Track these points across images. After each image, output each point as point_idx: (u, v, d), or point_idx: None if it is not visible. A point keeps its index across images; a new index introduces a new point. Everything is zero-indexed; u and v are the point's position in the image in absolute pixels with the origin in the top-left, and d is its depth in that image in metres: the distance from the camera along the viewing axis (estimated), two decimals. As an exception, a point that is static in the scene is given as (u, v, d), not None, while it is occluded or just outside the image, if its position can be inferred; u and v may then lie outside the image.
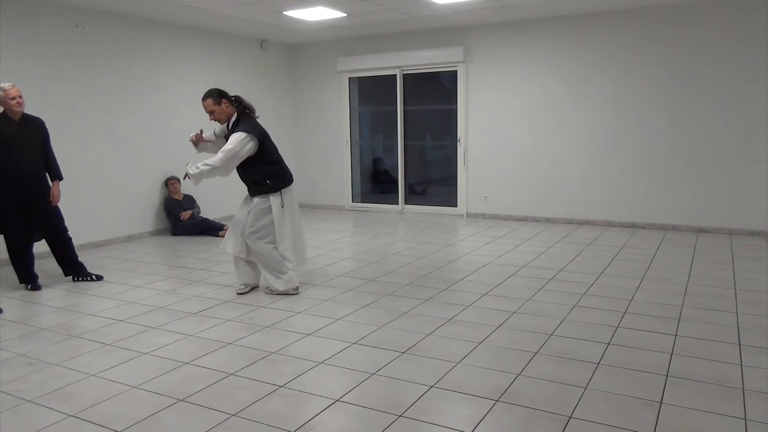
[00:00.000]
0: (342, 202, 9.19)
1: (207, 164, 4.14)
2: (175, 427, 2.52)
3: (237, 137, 4.16)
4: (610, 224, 7.24)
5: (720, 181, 6.59)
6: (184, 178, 4.30)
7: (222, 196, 7.74)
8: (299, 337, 3.58)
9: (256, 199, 4.37)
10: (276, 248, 4.41)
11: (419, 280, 4.85)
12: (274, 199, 4.36)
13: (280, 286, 4.43)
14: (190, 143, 4.47)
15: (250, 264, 4.54)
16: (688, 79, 6.62)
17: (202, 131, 4.44)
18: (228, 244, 4.45)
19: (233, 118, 4.32)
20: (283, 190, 4.40)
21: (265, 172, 4.33)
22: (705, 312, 3.90)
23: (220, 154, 4.15)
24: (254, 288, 4.64)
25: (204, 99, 4.27)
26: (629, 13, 6.81)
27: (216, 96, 4.24)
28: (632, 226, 7.11)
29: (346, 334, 3.62)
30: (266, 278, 4.47)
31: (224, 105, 4.27)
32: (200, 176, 4.18)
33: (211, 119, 4.30)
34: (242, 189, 4.54)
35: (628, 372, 2.97)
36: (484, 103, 7.85)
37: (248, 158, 4.24)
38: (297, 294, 4.49)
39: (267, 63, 8.80)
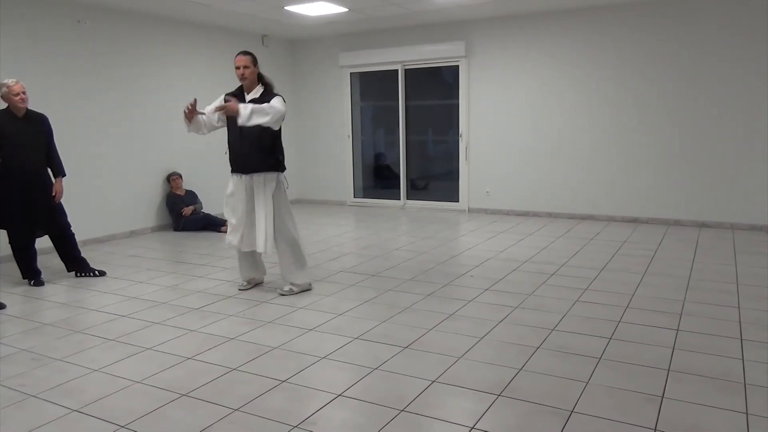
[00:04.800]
0: (344, 198, 9.19)
1: (272, 107, 4.00)
2: (178, 421, 2.53)
3: (280, 100, 4.10)
4: (612, 219, 7.23)
5: (722, 175, 6.58)
6: (218, 111, 4.05)
7: (224, 191, 7.72)
8: (301, 333, 3.58)
9: (272, 180, 4.18)
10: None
11: (421, 276, 4.85)
12: (284, 178, 4.32)
13: (298, 280, 4.37)
14: (184, 118, 4.15)
15: (256, 260, 4.53)
16: (691, 74, 6.59)
17: (195, 101, 4.11)
18: (268, 244, 4.20)
19: (258, 88, 4.21)
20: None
21: (279, 147, 4.30)
22: (707, 307, 3.90)
23: (280, 106, 4.03)
24: (257, 284, 4.64)
25: (244, 54, 4.17)
26: (632, 7, 6.78)
27: (254, 57, 4.20)
28: (634, 220, 7.11)
29: (349, 329, 3.63)
30: (291, 271, 4.34)
31: (257, 69, 4.20)
32: (263, 118, 3.95)
33: (240, 74, 4.13)
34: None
35: (630, 366, 2.98)
36: (486, 98, 7.84)
37: (272, 129, 4.15)
38: (311, 290, 4.47)
39: (268, 58, 8.77)
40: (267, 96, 4.16)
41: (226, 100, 4.21)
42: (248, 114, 3.94)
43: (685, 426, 2.40)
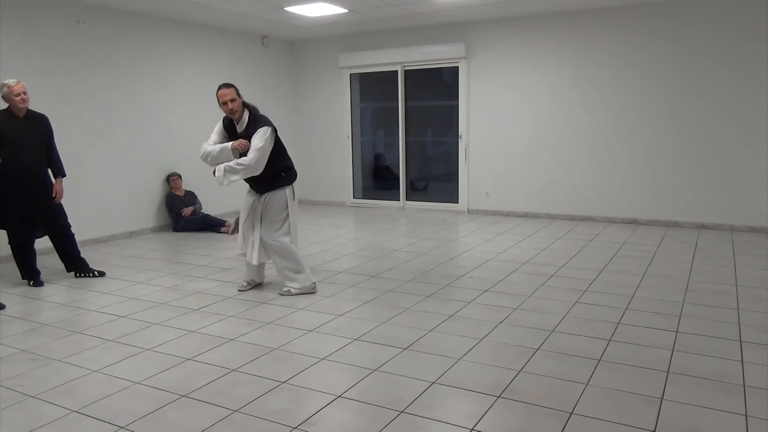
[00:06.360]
0: (343, 199, 9.19)
1: (240, 164, 4.04)
2: (177, 422, 2.53)
3: (264, 133, 4.08)
4: (611, 220, 7.24)
5: (721, 177, 6.59)
6: (215, 174, 4.13)
7: (223, 192, 7.74)
8: (301, 334, 3.59)
9: (269, 195, 4.28)
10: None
11: (420, 277, 4.85)
12: (288, 192, 4.35)
13: (297, 284, 4.38)
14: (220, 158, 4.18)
15: (259, 266, 4.54)
16: (690, 75, 6.60)
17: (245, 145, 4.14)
18: (254, 256, 4.35)
19: (245, 117, 4.19)
20: (294, 184, 4.41)
21: (281, 165, 4.32)
22: (706, 308, 3.90)
23: (254, 153, 4.03)
24: (257, 285, 4.64)
25: (228, 86, 4.10)
26: (631, 8, 6.79)
27: (236, 87, 4.15)
28: (633, 222, 7.11)
29: (348, 330, 3.63)
30: (283, 278, 4.42)
31: (241, 98, 4.16)
32: (234, 176, 4.07)
33: (228, 108, 4.08)
34: (243, 185, 4.50)
35: (629, 368, 2.98)
36: (486, 99, 7.85)
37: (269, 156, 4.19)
38: (315, 292, 4.44)
39: (268, 59, 8.79)
40: (251, 128, 4.14)
41: (225, 124, 4.29)
42: (222, 176, 4.08)
43: (684, 428, 2.40)
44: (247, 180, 4.34)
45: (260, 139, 4.07)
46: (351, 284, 4.68)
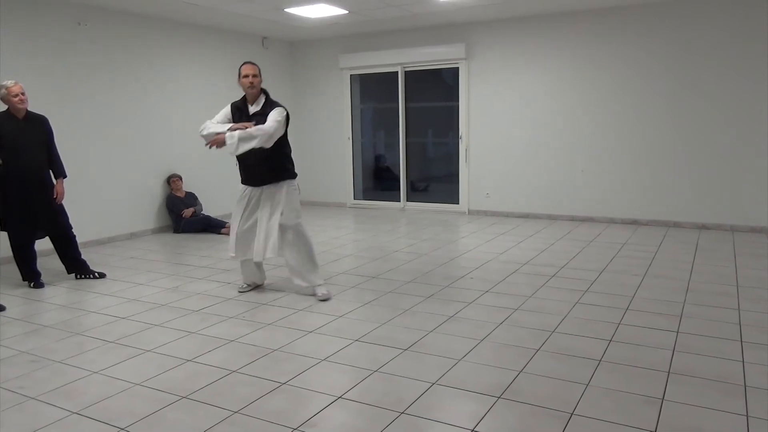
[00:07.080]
0: (344, 200, 9.19)
1: (260, 130, 3.97)
2: (178, 423, 2.53)
3: (282, 112, 4.10)
4: (611, 221, 7.24)
5: (722, 177, 6.58)
6: (208, 146, 4.06)
7: (224, 193, 7.75)
8: (301, 335, 3.58)
9: (282, 186, 4.24)
10: None
11: (421, 278, 4.85)
12: (296, 184, 4.35)
13: (319, 278, 4.38)
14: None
15: (257, 266, 4.52)
16: (690, 75, 6.60)
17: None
18: (267, 249, 4.23)
19: (261, 98, 4.21)
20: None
21: (288, 155, 4.34)
22: (707, 309, 3.90)
23: (274, 123, 4.01)
24: (257, 287, 4.64)
25: (253, 63, 4.16)
26: (631, 9, 6.79)
27: (260, 69, 4.19)
28: (634, 222, 7.11)
29: (348, 331, 3.63)
30: (306, 274, 4.32)
31: (261, 79, 4.20)
32: (249, 143, 3.97)
33: (248, 82, 4.09)
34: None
35: (630, 369, 2.98)
36: (486, 99, 7.84)
37: (279, 138, 4.16)
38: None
39: (268, 60, 8.79)
40: (268, 107, 4.16)
41: (233, 111, 4.25)
42: (235, 143, 3.97)
43: (685, 428, 2.40)
44: (251, 170, 4.23)
45: (279, 114, 4.08)
46: (351, 285, 4.67)
